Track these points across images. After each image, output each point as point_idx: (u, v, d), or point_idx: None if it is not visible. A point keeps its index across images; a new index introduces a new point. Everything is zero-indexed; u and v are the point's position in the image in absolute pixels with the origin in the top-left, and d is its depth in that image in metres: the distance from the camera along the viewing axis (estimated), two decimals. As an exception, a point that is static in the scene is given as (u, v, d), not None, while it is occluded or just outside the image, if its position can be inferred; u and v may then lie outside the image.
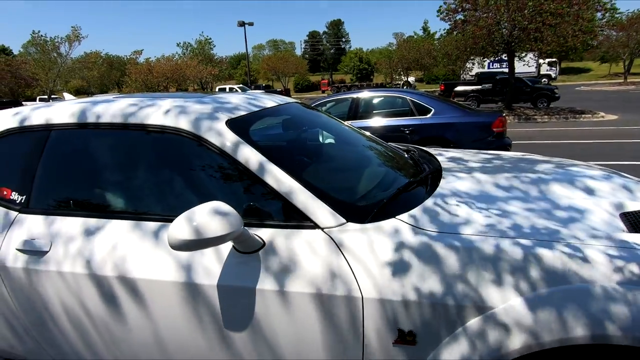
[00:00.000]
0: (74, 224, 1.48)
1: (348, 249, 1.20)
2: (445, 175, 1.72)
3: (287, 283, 1.20)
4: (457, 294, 1.09)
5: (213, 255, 1.29)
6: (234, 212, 1.14)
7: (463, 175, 1.72)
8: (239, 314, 1.26)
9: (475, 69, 22.78)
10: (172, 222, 1.12)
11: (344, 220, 1.26)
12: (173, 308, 1.31)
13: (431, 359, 1.12)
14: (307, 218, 1.27)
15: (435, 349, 1.12)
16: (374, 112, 5.51)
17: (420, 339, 1.12)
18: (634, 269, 1.05)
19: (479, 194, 1.50)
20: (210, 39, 43.23)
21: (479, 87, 17.91)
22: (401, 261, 1.16)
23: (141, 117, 1.51)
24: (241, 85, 35.10)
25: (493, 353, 1.06)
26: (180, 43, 44.01)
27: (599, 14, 12.74)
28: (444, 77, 33.74)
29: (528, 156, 2.20)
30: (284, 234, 1.27)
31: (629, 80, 31.33)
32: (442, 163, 1.95)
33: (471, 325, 1.08)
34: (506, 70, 16.33)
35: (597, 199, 1.49)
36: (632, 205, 1.44)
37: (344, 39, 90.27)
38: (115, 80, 48.67)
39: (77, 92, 44.00)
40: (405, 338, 1.13)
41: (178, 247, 1.09)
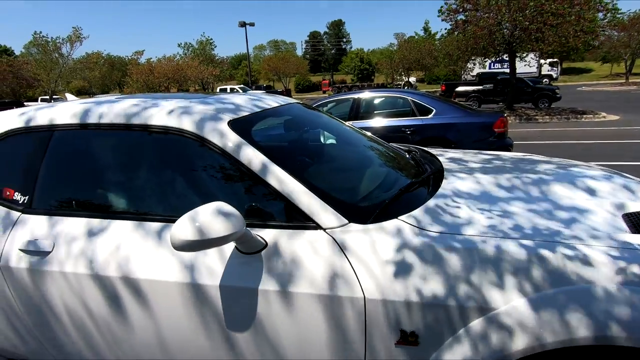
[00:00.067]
0: (77, 224, 1.48)
1: (350, 250, 1.21)
2: (447, 176, 1.72)
3: (289, 284, 1.21)
4: (459, 295, 1.09)
5: (216, 255, 1.30)
6: (236, 213, 1.14)
7: (464, 176, 1.72)
8: (241, 315, 1.26)
9: (477, 70, 22.82)
10: (174, 222, 1.13)
11: (346, 220, 1.26)
12: (175, 308, 1.32)
13: (433, 359, 1.12)
14: (309, 219, 1.27)
15: (438, 350, 1.12)
16: (375, 112, 5.50)
17: (422, 340, 1.12)
18: (636, 270, 1.05)
19: (480, 194, 1.50)
20: (211, 39, 43.14)
21: (480, 87, 17.87)
22: (403, 262, 1.16)
23: (144, 118, 1.51)
24: (242, 85, 35.09)
25: (495, 354, 1.06)
26: (181, 43, 43.89)
27: (601, 14, 12.72)
28: (445, 77, 33.70)
29: (529, 156, 2.20)
30: (286, 234, 1.27)
31: (630, 80, 31.26)
32: (443, 164, 1.95)
33: (474, 326, 1.08)
34: (507, 70, 16.33)
35: (599, 199, 1.48)
36: (634, 206, 1.44)
37: (344, 40, 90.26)
38: (116, 81, 48.78)
39: (79, 93, 44.09)
40: (408, 339, 1.13)
41: (181, 247, 1.09)
